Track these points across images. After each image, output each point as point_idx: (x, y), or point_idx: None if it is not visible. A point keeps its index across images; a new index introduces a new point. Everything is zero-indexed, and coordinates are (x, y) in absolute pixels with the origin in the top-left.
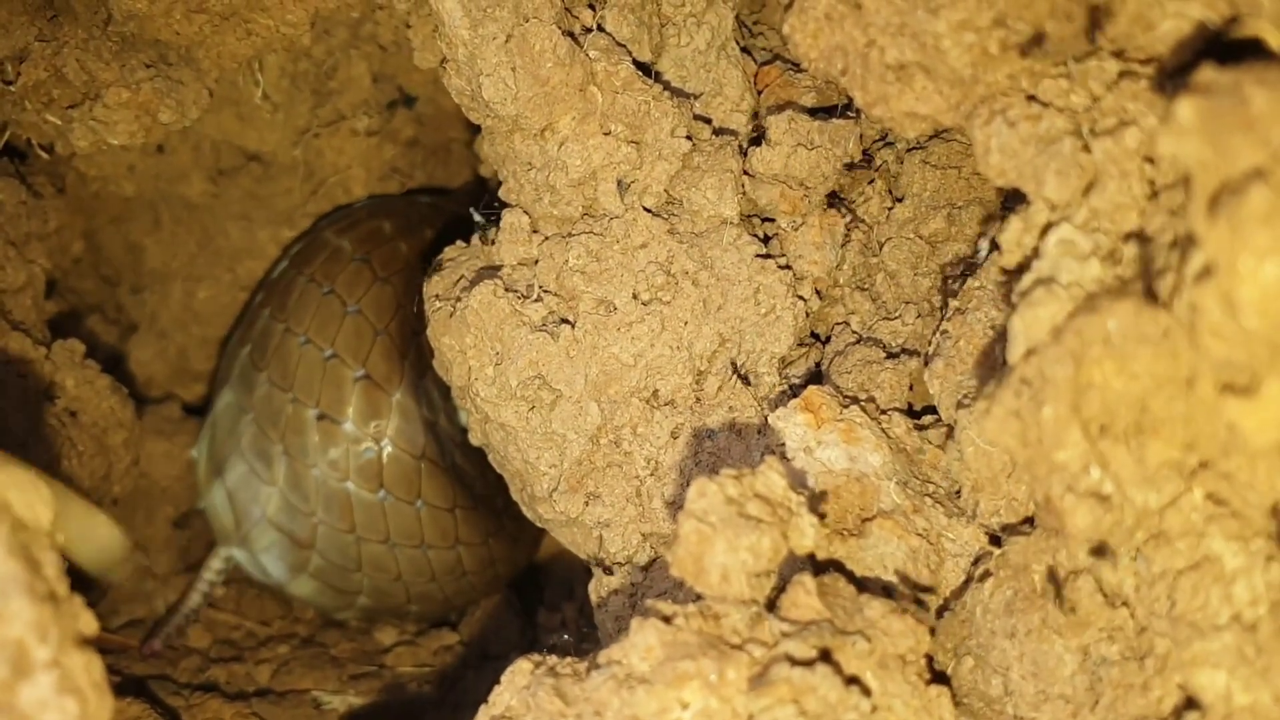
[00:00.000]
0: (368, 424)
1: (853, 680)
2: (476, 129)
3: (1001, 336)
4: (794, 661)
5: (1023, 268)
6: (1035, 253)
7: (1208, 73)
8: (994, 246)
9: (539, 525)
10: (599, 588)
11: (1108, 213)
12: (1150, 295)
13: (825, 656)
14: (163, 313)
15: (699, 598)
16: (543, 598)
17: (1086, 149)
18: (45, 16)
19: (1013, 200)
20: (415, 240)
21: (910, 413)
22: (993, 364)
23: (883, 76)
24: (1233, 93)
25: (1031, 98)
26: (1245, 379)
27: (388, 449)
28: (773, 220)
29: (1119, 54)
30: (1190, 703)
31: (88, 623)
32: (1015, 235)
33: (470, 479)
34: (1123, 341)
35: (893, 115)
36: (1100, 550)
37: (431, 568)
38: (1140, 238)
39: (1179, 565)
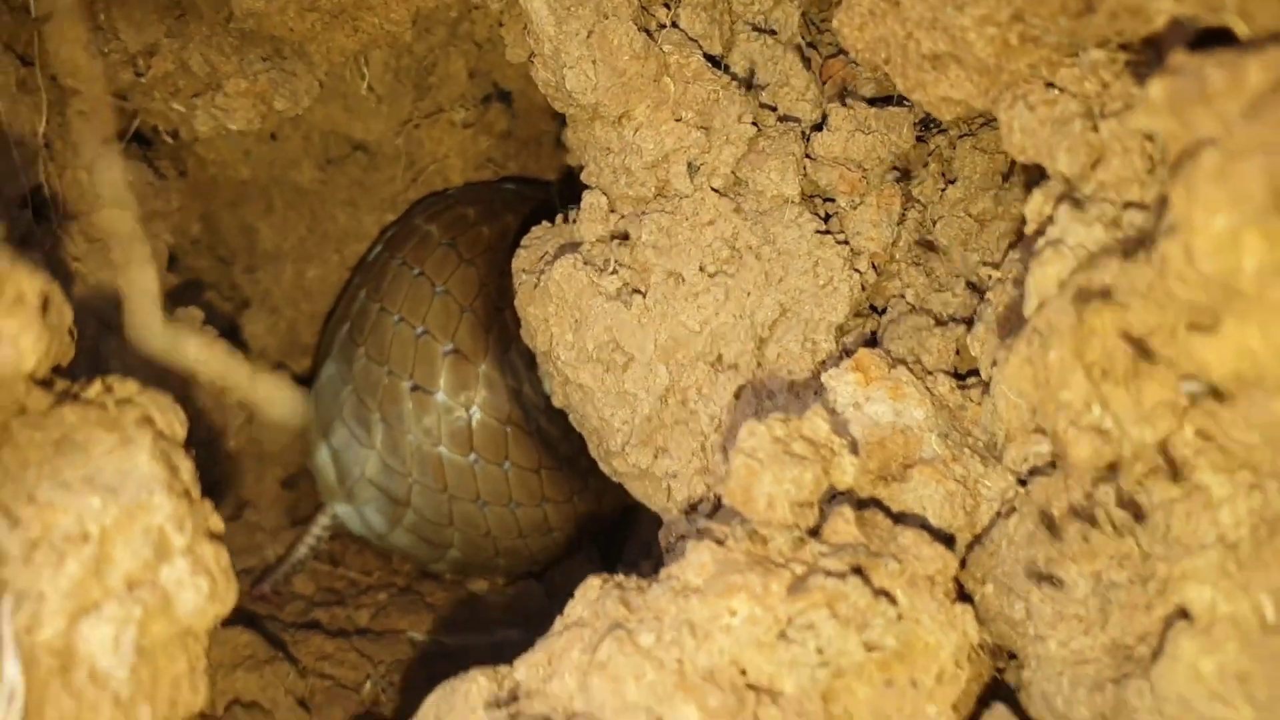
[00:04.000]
0: (458, 394)
1: (883, 593)
2: (564, 122)
3: (1021, 295)
4: (829, 574)
5: (1042, 233)
6: (1050, 220)
7: (1178, 57)
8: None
9: (614, 479)
10: (668, 534)
11: (1112, 184)
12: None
13: (859, 572)
14: (274, 290)
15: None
16: (622, 555)
17: (1095, 129)
18: (173, 15)
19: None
20: (497, 225)
21: (956, 375)
22: (1017, 320)
23: (920, 65)
24: (1195, 74)
25: (1050, 84)
26: (1208, 319)
27: (476, 416)
28: (833, 200)
29: (1125, 45)
30: (1182, 613)
31: (216, 523)
32: (1037, 206)
33: (555, 441)
34: (1118, 293)
35: (930, 100)
36: (1108, 484)
37: (519, 524)
38: (1140, 206)
39: (1174, 495)
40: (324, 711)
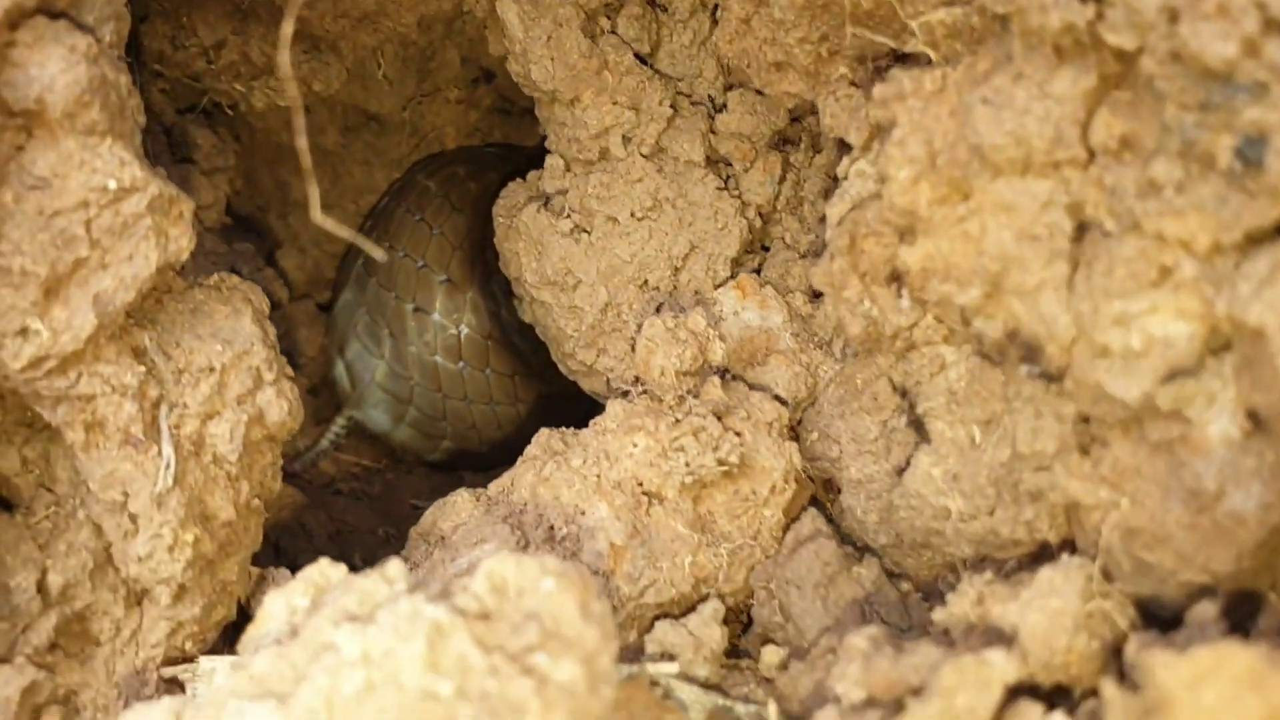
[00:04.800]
0: (450, 314)
1: (732, 430)
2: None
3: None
4: (698, 415)
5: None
6: (846, 176)
7: (893, 71)
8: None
9: (570, 378)
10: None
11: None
12: None
13: (718, 416)
14: (302, 233)
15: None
16: None
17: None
18: (237, 18)
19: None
20: (482, 181)
21: (812, 293)
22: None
23: (768, 69)
24: (898, 82)
25: (852, 83)
26: (909, 236)
27: (465, 331)
28: (730, 164)
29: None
30: (925, 439)
31: (289, 370)
32: (843, 168)
33: (526, 355)
34: (875, 223)
35: (776, 94)
36: (885, 358)
37: (498, 419)
38: None
39: (923, 362)
40: (351, 542)
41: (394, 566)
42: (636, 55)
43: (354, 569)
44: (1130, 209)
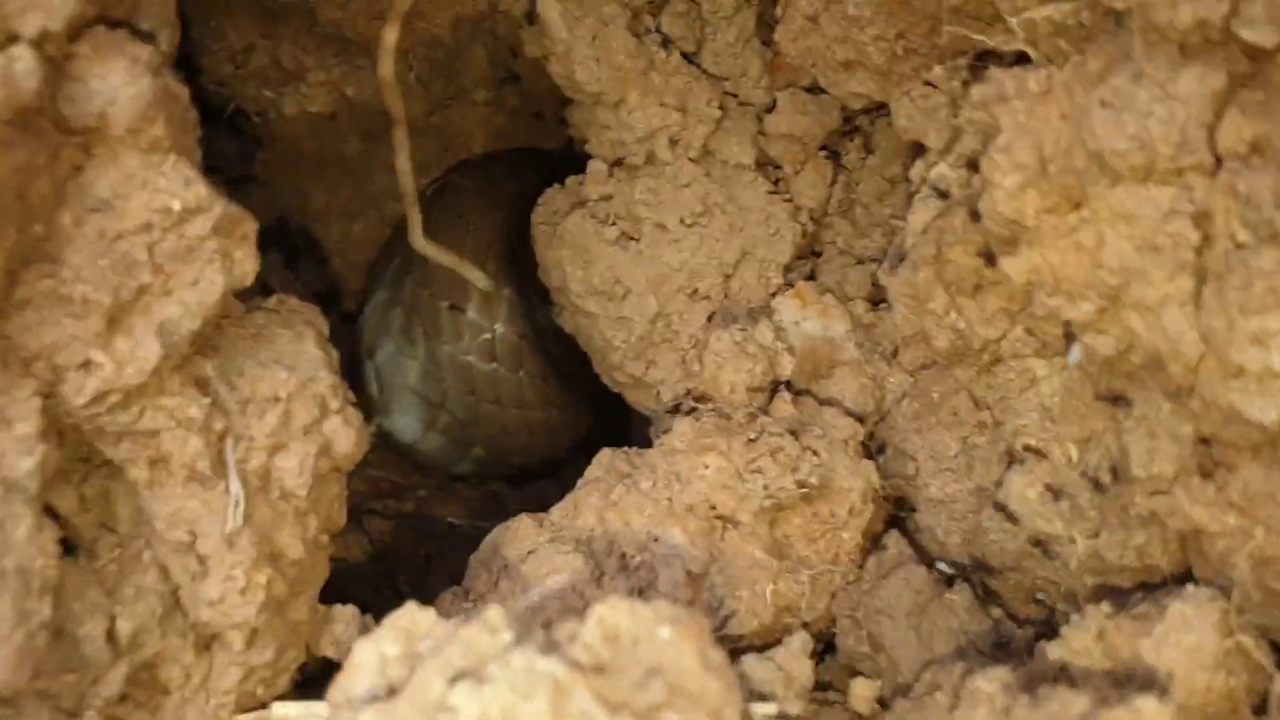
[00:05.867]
0: (485, 313)
1: (809, 449)
2: (565, 103)
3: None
4: (773, 434)
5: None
6: (925, 181)
7: (991, 71)
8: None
9: (615, 389)
10: (657, 428)
11: (966, 155)
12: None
13: (793, 434)
14: (325, 242)
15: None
16: None
17: (955, 115)
18: (267, 21)
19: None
20: (519, 182)
21: (871, 301)
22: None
23: (836, 69)
24: (999, 82)
25: (927, 82)
26: (1010, 247)
27: (499, 330)
28: (780, 167)
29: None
30: (1016, 459)
31: (352, 396)
32: (919, 172)
33: (561, 360)
34: (963, 231)
35: (843, 94)
36: (969, 369)
37: (529, 425)
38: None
39: (1010, 376)
40: (391, 564)
41: (495, 614)
42: (682, 54)
43: (401, 597)
44: (1269, 219)
